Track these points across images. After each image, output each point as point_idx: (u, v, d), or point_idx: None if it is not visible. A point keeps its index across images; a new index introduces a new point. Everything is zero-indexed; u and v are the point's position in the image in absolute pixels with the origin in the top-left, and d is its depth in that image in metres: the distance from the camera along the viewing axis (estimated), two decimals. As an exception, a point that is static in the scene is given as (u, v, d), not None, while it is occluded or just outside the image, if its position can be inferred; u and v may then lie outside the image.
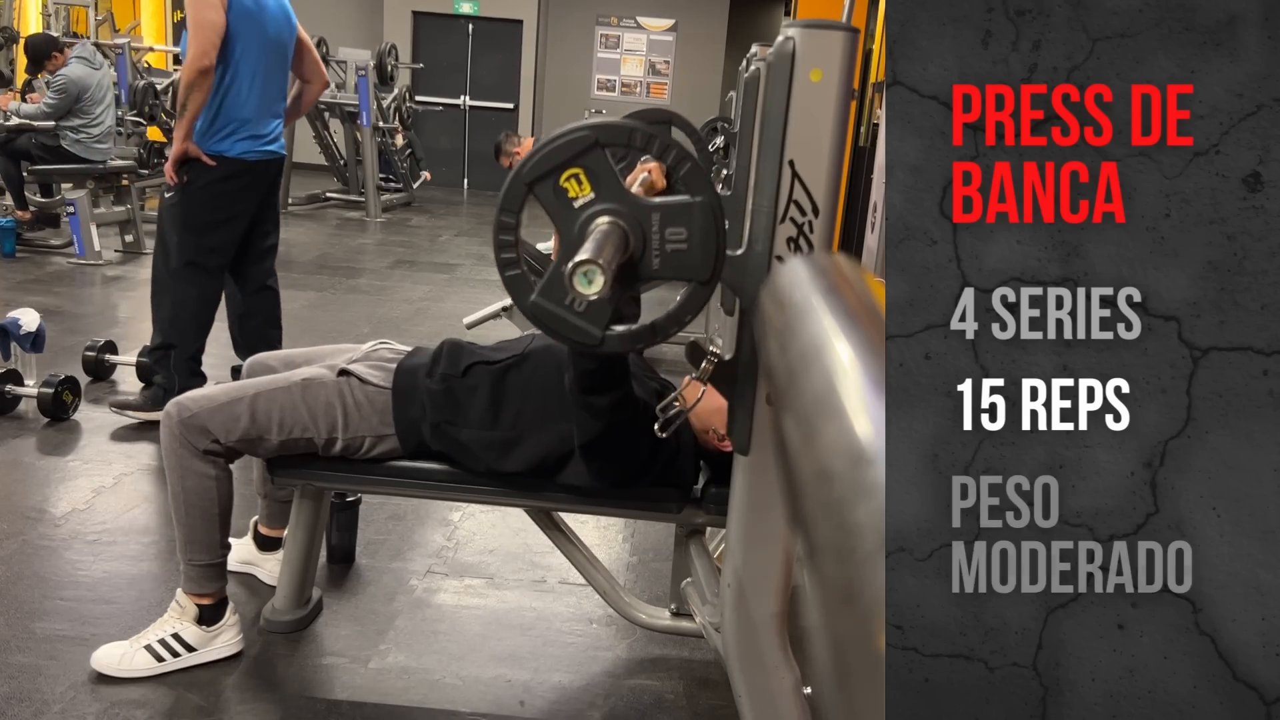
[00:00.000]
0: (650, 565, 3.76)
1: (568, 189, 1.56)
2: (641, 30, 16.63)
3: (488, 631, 3.21)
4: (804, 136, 1.78)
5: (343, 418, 2.71)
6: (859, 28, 3.02)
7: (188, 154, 4.44)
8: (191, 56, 4.30)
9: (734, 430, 1.96)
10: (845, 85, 1.78)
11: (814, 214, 1.81)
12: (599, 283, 1.36)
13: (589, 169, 1.56)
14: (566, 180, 1.56)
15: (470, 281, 8.85)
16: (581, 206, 1.57)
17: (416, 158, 13.82)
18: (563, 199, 1.57)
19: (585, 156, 1.55)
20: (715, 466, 2.75)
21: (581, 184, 1.56)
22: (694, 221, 1.60)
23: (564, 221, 1.57)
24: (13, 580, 3.27)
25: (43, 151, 8.61)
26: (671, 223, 1.59)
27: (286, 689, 2.86)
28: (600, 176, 1.56)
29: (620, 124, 1.59)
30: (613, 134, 1.57)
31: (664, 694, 2.96)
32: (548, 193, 1.57)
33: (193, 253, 4.61)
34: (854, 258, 1.00)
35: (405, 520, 3.94)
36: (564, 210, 1.57)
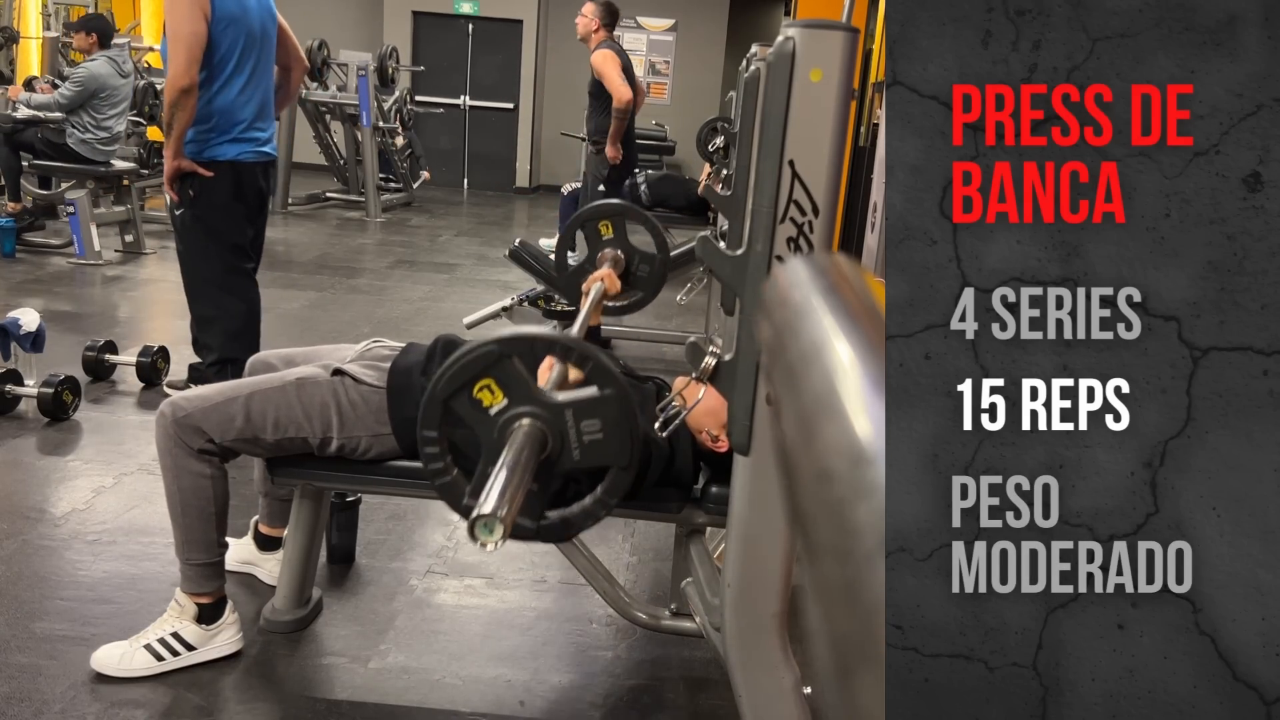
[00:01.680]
0: (650, 565, 3.76)
1: (482, 399, 1.65)
2: (641, 30, 16.62)
3: (488, 631, 3.22)
4: (804, 136, 1.79)
5: (338, 418, 2.71)
6: (859, 28, 3.02)
7: (181, 170, 4.36)
8: (173, 75, 4.19)
9: (734, 430, 1.96)
10: (845, 85, 1.78)
11: (814, 214, 1.81)
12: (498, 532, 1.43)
13: (499, 378, 1.64)
14: (479, 391, 1.65)
15: (470, 281, 8.85)
16: (497, 414, 1.65)
17: (416, 157, 13.82)
18: (479, 409, 1.65)
19: (494, 368, 1.64)
20: (715, 466, 2.75)
21: (494, 392, 1.65)
22: (606, 413, 1.67)
23: (483, 430, 1.66)
24: (12, 580, 3.27)
25: (47, 147, 8.59)
26: (585, 416, 1.67)
27: (286, 689, 2.86)
28: (511, 383, 1.65)
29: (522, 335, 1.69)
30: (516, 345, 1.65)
31: (664, 694, 2.96)
32: (464, 405, 1.66)
33: (225, 261, 4.53)
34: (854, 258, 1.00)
35: (405, 520, 3.94)
36: (481, 419, 1.66)
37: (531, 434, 1.62)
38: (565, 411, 1.66)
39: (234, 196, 4.47)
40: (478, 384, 1.64)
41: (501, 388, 1.64)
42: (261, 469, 3.15)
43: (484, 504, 1.44)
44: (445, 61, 16.36)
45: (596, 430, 1.67)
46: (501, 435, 1.63)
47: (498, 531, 1.42)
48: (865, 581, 0.38)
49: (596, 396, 1.67)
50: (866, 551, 0.39)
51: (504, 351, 1.63)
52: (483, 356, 1.62)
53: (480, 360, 1.63)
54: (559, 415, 1.66)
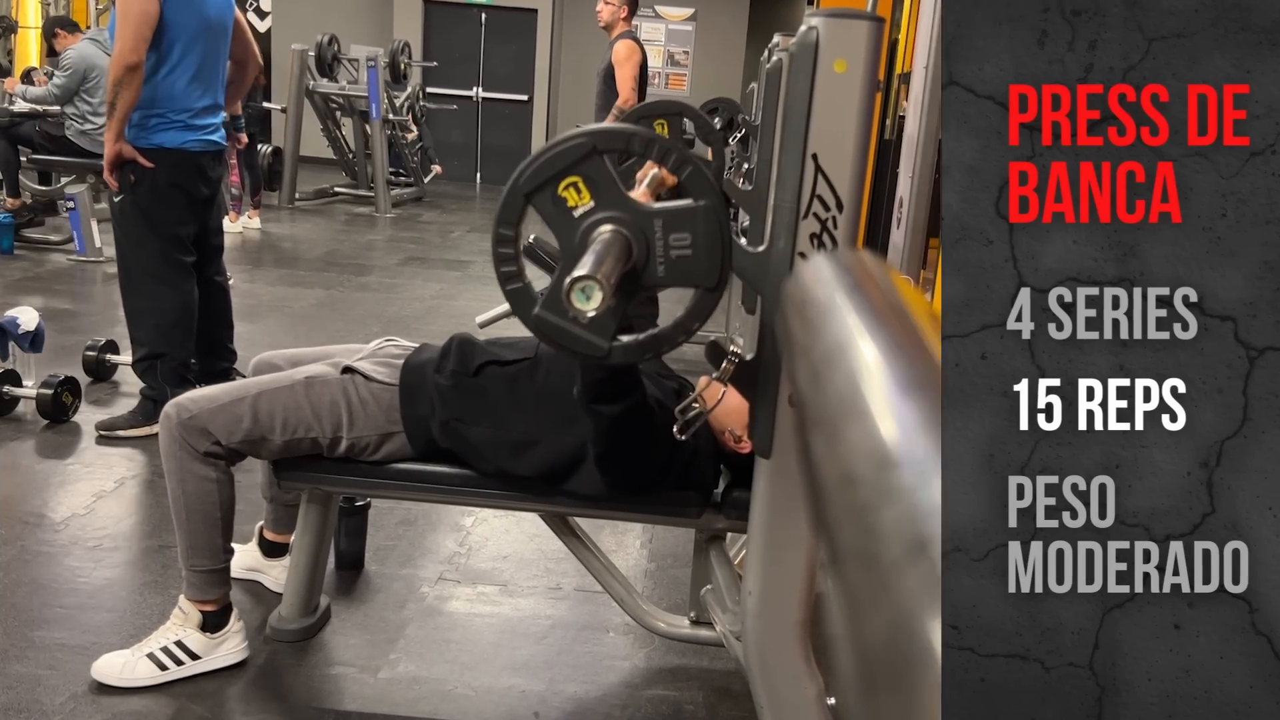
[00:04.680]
0: (669, 572, 3.76)
1: (566, 198, 1.57)
2: (660, 20, 16.62)
3: (501, 640, 3.22)
4: (828, 130, 1.78)
5: (347, 416, 2.71)
6: (884, 17, 3.02)
7: (123, 156, 4.38)
8: (119, 51, 4.20)
9: (756, 433, 1.96)
10: (870, 77, 1.78)
11: (838, 209, 1.81)
12: (597, 298, 1.37)
13: (588, 176, 1.57)
14: (565, 189, 1.57)
15: (483, 279, 8.84)
16: (581, 215, 1.57)
17: (427, 151, 13.84)
18: (562, 208, 1.57)
19: (583, 164, 1.56)
20: (736, 469, 2.74)
21: (580, 192, 1.57)
22: (698, 227, 1.61)
23: (564, 231, 1.58)
24: (11, 587, 3.28)
25: (46, 140, 8.62)
26: (675, 229, 1.60)
27: (293, 699, 2.86)
28: (600, 184, 1.57)
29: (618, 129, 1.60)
30: (611, 139, 1.58)
31: (683, 705, 2.96)
32: (546, 203, 1.58)
33: (163, 252, 4.54)
34: (879, 255, 1.00)
35: (416, 525, 3.95)
36: (563, 220, 1.58)
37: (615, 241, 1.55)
38: (655, 220, 1.60)
39: (176, 185, 4.48)
40: (564, 180, 1.57)
41: (589, 187, 1.57)
42: (267, 473, 3.16)
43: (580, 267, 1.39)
44: (457, 52, 16.39)
45: (686, 245, 1.61)
46: (584, 239, 1.57)
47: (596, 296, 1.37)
48: (891, 588, 0.38)
49: (691, 207, 1.61)
50: (892, 557, 0.39)
51: (597, 145, 1.56)
52: (573, 149, 1.56)
53: (570, 154, 1.56)
54: (648, 223, 1.60)
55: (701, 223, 1.60)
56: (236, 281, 6.48)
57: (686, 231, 1.60)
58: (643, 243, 1.59)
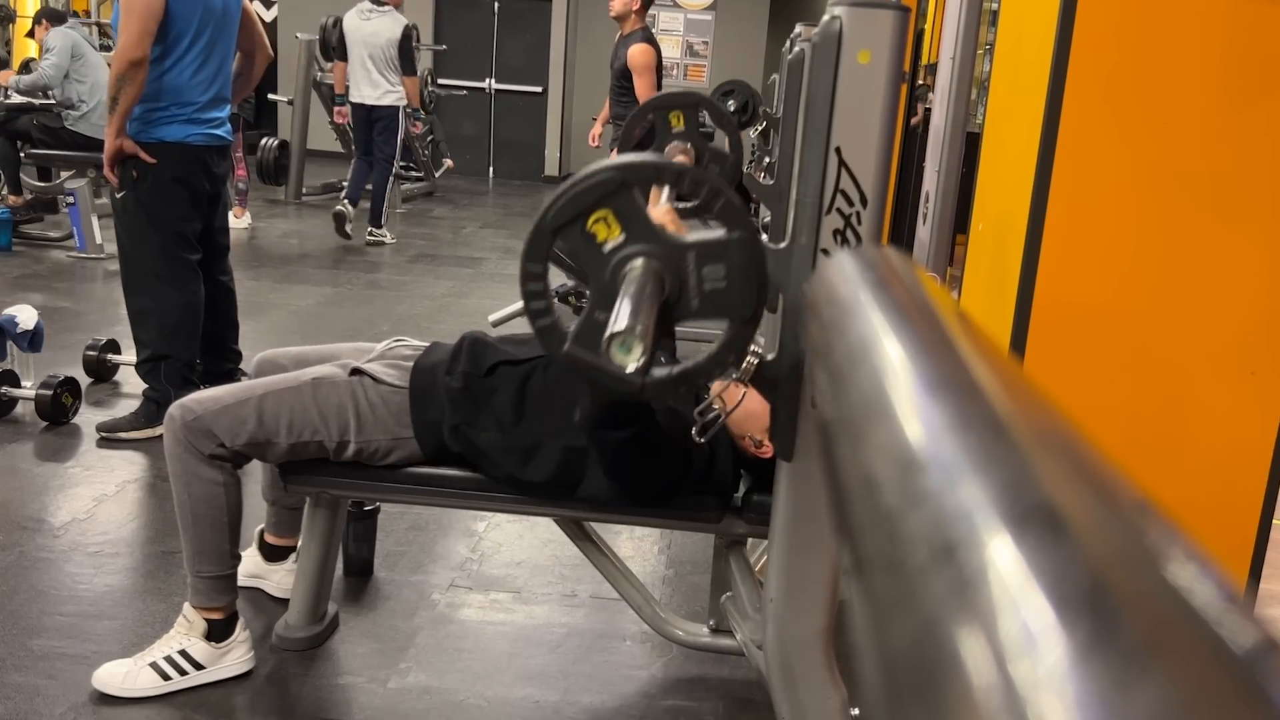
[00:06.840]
0: (688, 578, 3.76)
1: (596, 233, 1.56)
2: (678, 9, 16.60)
3: (515, 649, 3.22)
4: (851, 122, 1.78)
5: (355, 420, 2.71)
6: (910, 6, 3.01)
7: (124, 151, 4.38)
8: (123, 45, 4.21)
9: (777, 435, 1.96)
10: (895, 67, 1.77)
11: (862, 204, 1.81)
12: (638, 351, 1.36)
13: (617, 210, 1.55)
14: (594, 224, 1.56)
15: (496, 276, 8.86)
16: (612, 250, 1.56)
17: (438, 144, 13.83)
18: (592, 243, 1.56)
19: (613, 198, 1.55)
20: (757, 473, 2.74)
21: (610, 226, 1.56)
22: (732, 259, 1.59)
23: (595, 267, 1.57)
24: (9, 594, 3.29)
25: (43, 134, 8.65)
26: (708, 260, 1.59)
27: (300, 710, 2.87)
28: (630, 217, 1.56)
29: (647, 162, 1.59)
30: (640, 173, 1.57)
31: (703, 715, 2.96)
32: (576, 239, 1.57)
33: (166, 250, 4.54)
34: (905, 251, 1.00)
35: (427, 530, 3.95)
36: (594, 255, 1.57)
37: (649, 276, 1.54)
38: (688, 254, 1.58)
39: (179, 180, 4.47)
40: (594, 215, 1.56)
41: (620, 220, 1.56)
42: (269, 474, 3.16)
43: (616, 321, 1.38)
44: (470, 42, 16.39)
45: (720, 278, 1.59)
46: (615, 274, 1.56)
47: (637, 349, 1.35)
48: (917, 595, 0.38)
49: (724, 239, 1.59)
50: (918, 563, 0.39)
51: (626, 179, 1.55)
52: (602, 184, 1.55)
53: (599, 188, 1.55)
54: (681, 257, 1.58)
55: (735, 255, 1.59)
56: (240, 278, 6.49)
57: (720, 264, 1.59)
58: (675, 277, 1.58)
